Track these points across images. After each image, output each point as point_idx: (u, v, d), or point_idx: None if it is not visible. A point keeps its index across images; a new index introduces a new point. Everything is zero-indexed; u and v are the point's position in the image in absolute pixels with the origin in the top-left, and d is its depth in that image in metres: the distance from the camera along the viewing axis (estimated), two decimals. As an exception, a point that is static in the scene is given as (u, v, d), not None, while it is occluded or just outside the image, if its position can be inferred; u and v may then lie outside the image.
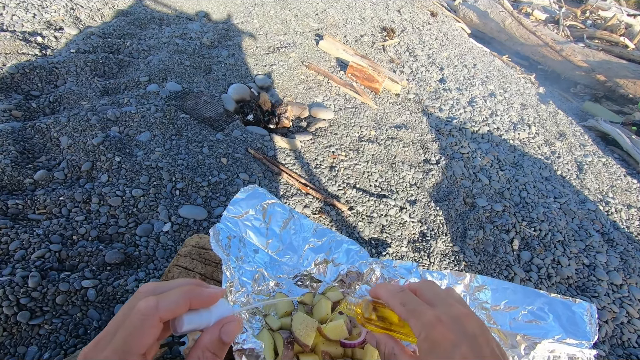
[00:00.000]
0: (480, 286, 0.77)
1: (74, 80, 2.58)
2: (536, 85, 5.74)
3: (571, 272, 2.46)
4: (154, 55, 3.11)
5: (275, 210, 0.85)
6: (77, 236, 1.68)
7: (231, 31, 3.96)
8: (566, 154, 3.92)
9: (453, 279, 0.81)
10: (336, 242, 0.85)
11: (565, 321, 0.68)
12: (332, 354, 0.68)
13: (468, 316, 0.46)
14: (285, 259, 0.83)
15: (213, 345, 0.42)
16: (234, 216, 0.80)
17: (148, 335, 0.38)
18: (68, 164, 1.98)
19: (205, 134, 2.44)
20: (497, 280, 0.77)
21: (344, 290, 0.82)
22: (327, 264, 0.83)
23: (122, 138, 2.19)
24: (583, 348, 0.65)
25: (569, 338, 0.66)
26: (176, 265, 0.76)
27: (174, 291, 0.42)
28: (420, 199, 2.72)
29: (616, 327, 2.18)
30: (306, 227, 0.86)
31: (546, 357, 0.68)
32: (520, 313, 0.72)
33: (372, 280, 0.82)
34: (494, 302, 0.75)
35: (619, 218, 3.18)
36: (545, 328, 0.68)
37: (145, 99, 2.53)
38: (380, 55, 4.80)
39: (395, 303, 0.49)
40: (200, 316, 0.43)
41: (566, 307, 0.69)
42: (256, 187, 0.85)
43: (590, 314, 0.67)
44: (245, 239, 0.80)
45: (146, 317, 0.39)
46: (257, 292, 0.75)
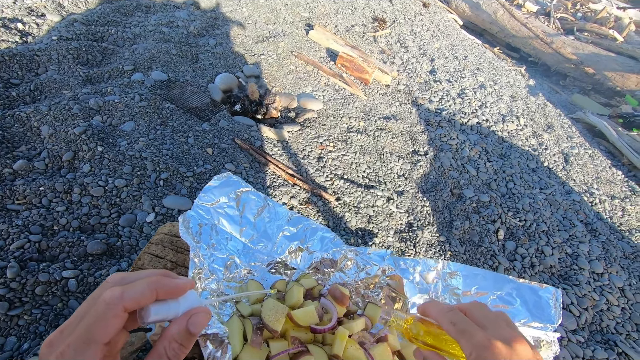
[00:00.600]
0: (452, 272, 0.78)
1: (55, 68, 2.53)
2: (526, 78, 5.77)
3: (554, 262, 2.50)
4: (140, 44, 3.05)
5: (249, 198, 0.84)
6: (57, 227, 1.66)
7: (219, 20, 3.89)
8: (553, 146, 3.96)
9: (426, 266, 0.81)
10: (311, 230, 0.85)
11: (531, 305, 0.69)
12: (302, 340, 0.68)
13: (518, 340, 0.46)
14: (260, 246, 0.82)
15: (180, 335, 0.42)
16: (205, 204, 0.79)
17: (111, 324, 0.38)
18: (49, 153, 1.94)
19: (191, 124, 2.41)
20: (469, 267, 0.78)
21: (318, 278, 0.82)
22: (301, 252, 0.83)
23: (105, 127, 2.16)
24: (547, 331, 0.66)
25: (534, 322, 0.67)
26: (147, 253, 0.75)
27: (140, 281, 0.42)
28: (407, 189, 2.73)
29: (596, 314, 2.23)
30: (281, 215, 0.86)
31: (513, 340, 0.69)
32: (489, 298, 0.73)
33: (347, 267, 0.83)
34: (465, 287, 0.76)
35: (602, 208, 3.23)
36: (513, 312, 0.70)
37: (130, 88, 2.48)
38: (371, 46, 4.77)
39: (446, 321, 0.50)
40: (168, 307, 0.43)
41: (533, 292, 0.71)
42: (230, 175, 0.84)
43: (555, 298, 0.68)
44: (217, 227, 0.79)
45: (110, 307, 0.39)
46: (228, 279, 0.74)
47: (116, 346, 0.42)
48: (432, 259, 0.80)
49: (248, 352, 0.63)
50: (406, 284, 0.79)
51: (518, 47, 6.92)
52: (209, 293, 0.68)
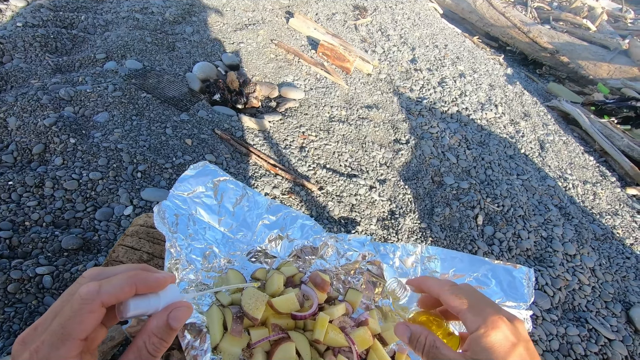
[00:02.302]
0: (430, 256, 0.80)
1: (21, 56, 2.40)
2: (504, 66, 5.87)
3: (530, 245, 2.59)
4: (112, 31, 2.93)
5: (227, 187, 0.83)
6: (29, 222, 1.59)
7: (196, 6, 3.77)
8: (530, 133, 4.07)
9: (405, 251, 0.83)
10: (291, 218, 0.84)
11: (506, 285, 0.71)
12: (283, 327, 0.68)
13: (520, 321, 0.47)
14: (239, 236, 0.81)
15: (160, 330, 0.41)
16: (182, 193, 0.78)
17: (88, 320, 0.37)
18: (17, 146, 1.86)
19: (169, 114, 2.35)
20: (446, 250, 0.79)
21: (299, 265, 0.82)
22: (281, 240, 0.83)
23: (77, 119, 2.07)
24: (520, 309, 0.69)
25: (508, 301, 0.70)
26: (122, 245, 0.73)
27: (118, 276, 0.41)
28: (389, 178, 2.76)
29: (568, 294, 2.33)
30: (260, 203, 0.85)
31: (488, 320, 0.71)
32: (466, 280, 0.75)
33: (327, 254, 0.83)
34: (443, 270, 0.78)
35: (575, 193, 3.35)
36: (488, 293, 0.72)
37: (103, 77, 2.39)
38: (352, 35, 4.74)
39: (450, 295, 0.48)
40: (148, 301, 0.42)
41: (507, 273, 0.73)
42: (207, 164, 0.83)
43: (528, 277, 0.71)
44: (195, 217, 0.78)
45: (86, 302, 0.38)
46: (207, 269, 0.73)
47: (94, 342, 0.42)
48: (411, 244, 0.81)
49: (228, 341, 0.63)
50: (386, 269, 0.80)
51: (496, 36, 7.02)
52: (187, 284, 0.67)
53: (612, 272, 2.58)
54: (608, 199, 3.44)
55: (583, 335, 2.09)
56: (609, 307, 2.32)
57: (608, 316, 2.26)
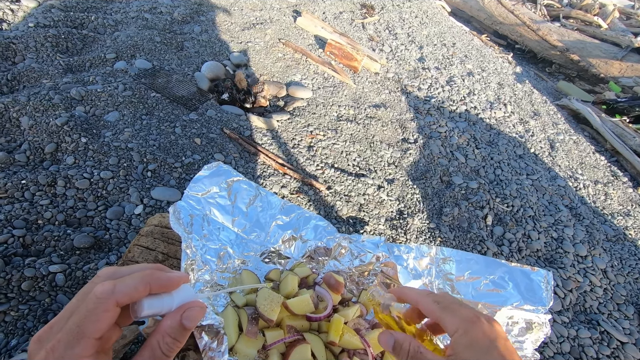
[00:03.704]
0: (445, 258, 0.79)
1: (33, 56, 2.43)
2: (513, 65, 5.80)
3: (540, 245, 2.56)
4: (122, 31, 2.95)
5: (241, 188, 0.83)
6: (42, 220, 1.61)
7: (204, 6, 3.78)
8: (539, 132, 4.02)
9: (420, 252, 0.82)
10: (304, 219, 0.84)
11: (523, 289, 0.70)
12: (298, 328, 0.68)
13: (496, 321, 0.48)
14: (253, 236, 0.81)
15: (174, 330, 0.41)
16: (196, 194, 0.78)
17: (103, 319, 0.38)
18: (30, 145, 1.88)
19: (178, 113, 2.36)
20: (462, 252, 0.78)
21: (313, 266, 0.82)
22: (294, 241, 0.83)
23: (88, 118, 2.09)
24: (539, 313, 0.68)
25: (526, 304, 0.69)
26: (137, 245, 0.73)
27: (133, 275, 0.41)
28: (398, 177, 2.74)
29: (579, 296, 2.30)
30: (274, 204, 0.85)
31: (505, 322, 0.70)
32: (482, 282, 0.74)
33: (341, 254, 0.82)
34: (458, 273, 0.77)
35: (586, 193, 3.31)
36: (505, 296, 0.71)
37: (113, 76, 2.41)
38: (359, 33, 4.72)
39: (428, 301, 0.49)
40: (162, 301, 0.42)
41: (525, 276, 0.72)
42: (220, 164, 0.83)
43: (547, 281, 0.70)
44: (209, 217, 0.78)
45: (101, 301, 0.38)
46: (221, 269, 0.73)
47: (108, 341, 0.42)
48: (426, 245, 0.80)
49: (244, 342, 0.63)
50: (400, 270, 0.79)
51: (505, 35, 6.94)
52: (202, 284, 0.67)
53: (624, 274, 2.54)
54: (620, 199, 3.39)
55: (595, 337, 2.07)
56: (621, 309, 2.29)
57: (620, 318, 2.23)
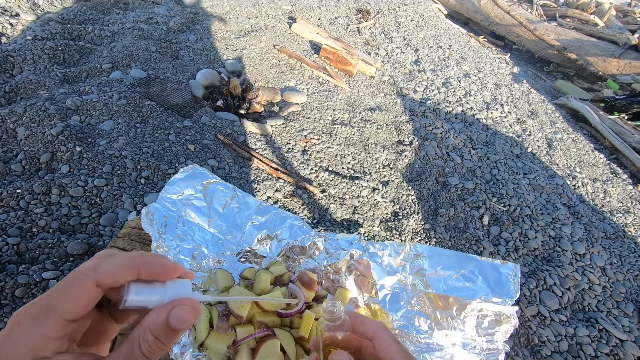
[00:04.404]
0: (418, 254, 0.80)
1: (31, 68, 2.48)
2: (511, 65, 5.80)
3: (537, 244, 2.54)
4: (118, 42, 3.01)
5: (217, 189, 0.85)
6: (36, 228, 1.64)
7: (200, 15, 3.84)
8: (537, 132, 4.01)
9: (394, 249, 0.83)
10: (280, 218, 0.85)
11: (492, 282, 0.71)
12: (269, 324, 0.69)
13: None
14: (229, 237, 0.83)
15: (157, 327, 0.34)
16: (171, 196, 0.79)
17: (76, 297, 0.33)
18: (26, 155, 1.92)
19: (172, 120, 2.39)
20: (435, 248, 0.79)
21: (289, 265, 0.83)
22: (270, 240, 0.84)
23: (83, 127, 2.13)
24: (506, 305, 0.68)
25: (494, 297, 0.69)
26: (113, 247, 0.75)
27: (120, 255, 0.37)
28: (393, 179, 2.75)
29: (578, 294, 2.28)
30: (250, 204, 0.87)
31: (475, 316, 0.70)
32: (453, 277, 0.75)
33: (316, 253, 0.83)
34: (430, 268, 0.78)
35: (584, 191, 3.29)
36: (474, 289, 0.71)
37: (108, 86, 2.45)
38: (355, 38, 4.76)
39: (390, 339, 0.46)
40: (152, 290, 0.36)
41: (494, 269, 0.72)
42: (196, 166, 0.84)
43: (514, 273, 0.70)
44: (184, 219, 0.79)
45: (79, 277, 0.33)
46: (195, 269, 0.75)
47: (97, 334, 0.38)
48: (400, 243, 0.81)
49: (214, 338, 0.64)
50: (374, 267, 0.80)
51: (502, 35, 6.96)
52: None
53: (623, 271, 2.52)
54: (619, 196, 3.36)
55: (593, 335, 2.05)
56: (620, 306, 2.27)
57: (620, 316, 2.21)
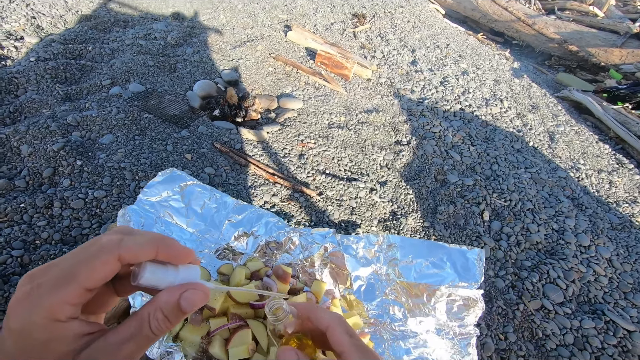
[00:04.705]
0: (390, 245, 0.81)
1: (34, 88, 2.58)
2: (511, 61, 5.77)
3: (540, 238, 2.51)
4: (117, 58, 3.10)
5: (194, 190, 0.88)
6: (39, 241, 1.70)
7: (196, 28, 3.94)
8: (538, 125, 3.97)
9: (368, 241, 0.84)
10: (257, 216, 0.88)
11: (459, 267, 0.72)
12: (243, 316, 0.71)
13: None
14: (207, 235, 0.86)
15: (168, 307, 0.36)
16: (149, 198, 0.82)
17: (99, 269, 0.34)
18: (29, 171, 1.99)
19: (170, 131, 2.45)
20: (406, 238, 0.81)
21: (266, 260, 0.85)
22: (247, 237, 0.86)
23: (83, 142, 2.20)
24: (472, 289, 0.69)
25: (461, 282, 0.70)
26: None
27: (142, 233, 0.39)
28: (390, 179, 2.76)
29: (583, 286, 2.24)
30: (228, 204, 0.89)
31: (445, 301, 0.72)
32: (423, 265, 0.76)
33: (291, 248, 0.86)
34: (402, 257, 0.79)
35: (589, 183, 3.24)
36: (443, 275, 0.72)
37: (108, 101, 2.53)
38: (351, 42, 4.81)
39: (342, 331, 0.45)
40: (166, 272, 0.38)
41: (462, 255, 0.73)
42: (174, 170, 0.88)
43: (480, 258, 0.71)
44: (162, 219, 0.82)
45: (103, 250, 0.35)
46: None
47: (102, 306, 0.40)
48: (374, 234, 0.83)
49: (188, 330, 0.66)
50: (348, 259, 0.82)
51: (501, 31, 6.93)
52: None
53: (631, 262, 2.47)
54: (626, 186, 3.30)
55: (600, 327, 2.01)
56: (628, 297, 2.22)
57: (627, 307, 2.16)
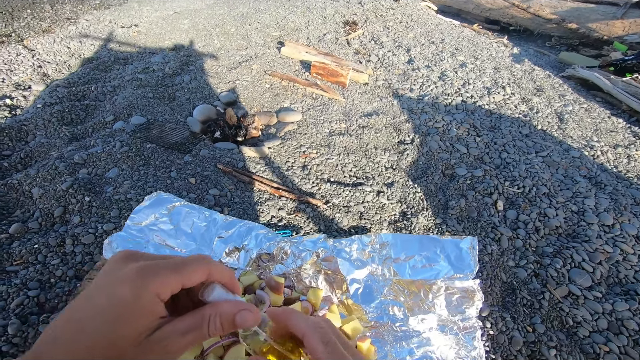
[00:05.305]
0: (383, 244, 0.79)
1: (42, 133, 2.68)
2: (510, 47, 5.69)
3: (559, 222, 2.42)
4: (119, 94, 3.20)
5: (182, 211, 0.88)
6: (54, 279, 1.73)
7: (192, 56, 4.04)
8: (545, 108, 3.88)
9: (361, 243, 0.82)
10: (246, 230, 0.87)
11: (453, 259, 0.69)
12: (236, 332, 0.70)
13: None
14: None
15: (226, 318, 0.40)
16: (137, 224, 0.83)
17: (198, 274, 0.40)
18: (41, 212, 2.05)
19: (173, 158, 2.49)
20: (398, 235, 0.78)
21: (260, 273, 0.84)
22: (238, 252, 0.85)
23: (91, 178, 2.26)
24: (468, 280, 0.66)
25: (456, 273, 0.67)
26: (89, 279, 0.79)
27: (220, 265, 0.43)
28: (397, 180, 2.72)
29: (611, 267, 2.13)
30: (217, 221, 0.89)
31: (443, 295, 0.68)
32: (417, 261, 0.73)
33: (284, 258, 0.84)
34: (395, 255, 0.76)
35: (605, 159, 3.12)
36: (437, 269, 0.70)
37: (112, 137, 2.60)
38: (345, 50, 4.84)
39: (315, 339, 0.44)
40: (228, 294, 0.43)
41: (455, 246, 0.71)
42: (160, 193, 0.88)
43: (472, 246, 0.68)
44: (152, 243, 0.82)
45: (201, 262, 0.41)
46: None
47: None
48: (366, 235, 0.81)
49: (180, 353, 0.66)
50: (342, 263, 0.79)
51: (497, 19, 6.87)
52: None
53: (661, 237, 2.34)
54: (645, 159, 3.16)
55: (634, 309, 1.89)
56: (662, 275, 2.10)
57: (663, 285, 2.04)
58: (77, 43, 4.24)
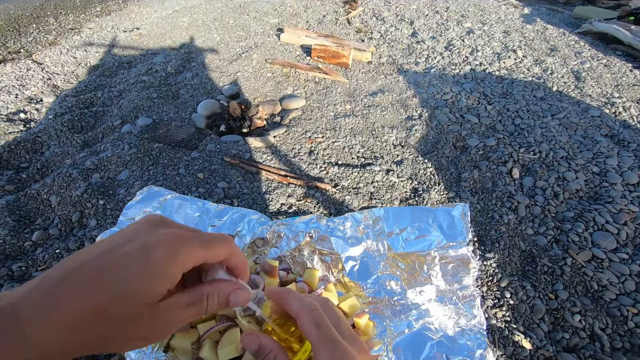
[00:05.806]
0: (375, 218, 0.77)
1: (55, 143, 2.76)
2: (520, 8, 5.41)
3: (580, 185, 2.32)
4: (125, 98, 3.25)
5: (174, 203, 0.88)
6: (77, 280, 1.80)
7: (193, 53, 4.04)
8: (560, 68, 3.69)
9: (355, 220, 0.80)
10: (239, 216, 0.86)
11: (446, 228, 0.66)
12: (231, 316, 0.70)
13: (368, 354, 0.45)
14: (195, 244, 0.86)
15: (222, 295, 0.42)
16: (130, 219, 0.84)
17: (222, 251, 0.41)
18: (60, 219, 2.12)
19: (180, 155, 2.52)
20: (389, 208, 0.76)
21: (256, 258, 0.84)
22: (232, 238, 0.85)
23: (103, 182, 2.32)
24: (461, 247, 0.63)
25: (449, 242, 0.64)
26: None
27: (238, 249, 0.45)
28: (407, 157, 2.66)
29: (637, 227, 2.03)
30: (210, 210, 0.89)
31: (438, 265, 0.66)
32: (409, 233, 0.71)
33: (278, 241, 0.83)
34: (388, 229, 0.74)
35: (628, 115, 2.95)
36: (430, 239, 0.67)
37: (120, 140, 2.65)
38: (346, 30, 4.73)
39: (308, 321, 0.43)
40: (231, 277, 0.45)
41: (447, 214, 0.68)
42: (152, 187, 0.89)
43: (464, 213, 0.65)
44: (147, 236, 0.83)
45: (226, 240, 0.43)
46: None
47: None
48: (359, 212, 0.79)
49: (178, 338, 0.66)
50: (336, 241, 0.78)
51: (504, -20, 6.52)
52: None
53: (691, 191, 2.21)
54: (673, 111, 2.98)
55: (664, 269, 1.81)
56: (694, 231, 1.99)
57: (695, 242, 1.94)
58: (82, 52, 4.31)
